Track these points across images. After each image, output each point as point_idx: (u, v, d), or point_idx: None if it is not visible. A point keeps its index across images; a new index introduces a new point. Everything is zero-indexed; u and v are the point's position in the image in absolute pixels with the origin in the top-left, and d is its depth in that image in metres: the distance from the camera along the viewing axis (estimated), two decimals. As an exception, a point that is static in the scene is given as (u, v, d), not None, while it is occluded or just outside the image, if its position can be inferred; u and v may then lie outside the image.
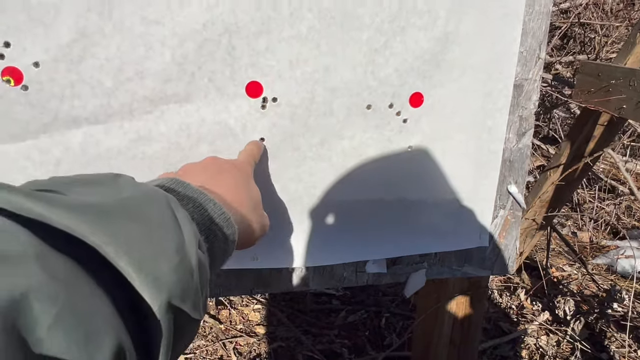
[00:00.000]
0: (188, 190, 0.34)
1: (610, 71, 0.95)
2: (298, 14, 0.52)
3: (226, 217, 0.35)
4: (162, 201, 0.28)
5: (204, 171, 0.43)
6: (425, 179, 0.63)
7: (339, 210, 0.62)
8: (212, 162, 0.45)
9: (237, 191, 0.42)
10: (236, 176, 0.44)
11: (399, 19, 0.55)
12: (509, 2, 0.58)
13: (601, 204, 2.12)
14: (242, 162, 0.48)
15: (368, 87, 0.56)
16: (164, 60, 0.50)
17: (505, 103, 0.62)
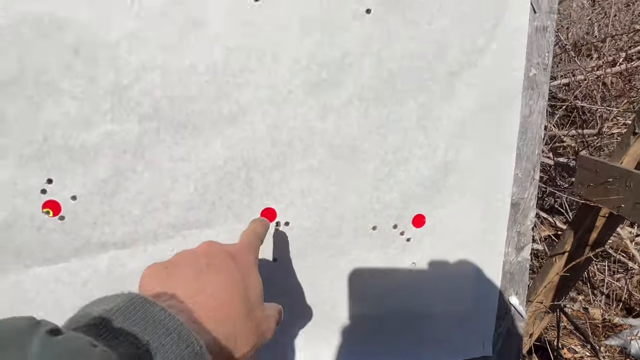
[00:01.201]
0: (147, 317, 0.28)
1: (607, 169, 0.99)
2: (310, 150, 0.57)
3: (195, 349, 0.29)
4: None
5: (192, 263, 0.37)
6: (429, 292, 0.66)
7: (346, 323, 0.64)
8: (206, 251, 0.39)
9: (226, 292, 0.35)
10: (229, 271, 0.37)
11: (402, 150, 0.60)
12: (503, 131, 0.64)
13: (612, 277, 2.10)
14: (242, 249, 0.42)
15: (373, 210, 0.61)
16: (188, 192, 0.56)
17: (503, 221, 0.66)
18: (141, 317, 0.28)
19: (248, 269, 0.40)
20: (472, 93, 0.61)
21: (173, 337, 0.28)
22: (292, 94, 0.55)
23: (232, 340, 0.34)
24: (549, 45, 0.63)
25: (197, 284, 0.35)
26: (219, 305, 0.35)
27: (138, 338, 0.27)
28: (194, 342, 0.29)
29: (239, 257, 0.40)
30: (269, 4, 0.53)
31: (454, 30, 0.58)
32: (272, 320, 0.41)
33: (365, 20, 0.55)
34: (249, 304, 0.37)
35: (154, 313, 0.29)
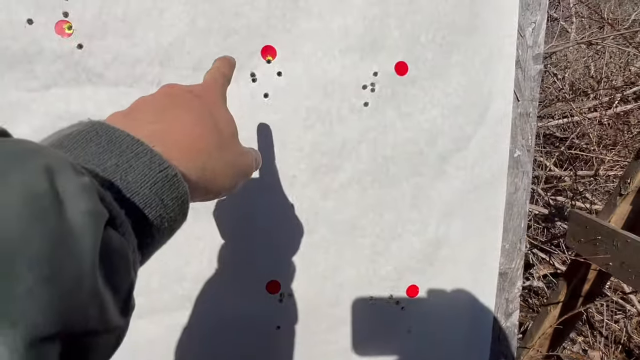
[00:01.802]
0: (113, 141, 0.25)
1: (596, 227, 1.04)
2: (313, 228, 0.63)
3: (169, 174, 0.26)
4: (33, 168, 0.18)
5: (153, 106, 0.32)
6: (424, 357, 0.70)
7: (344, 385, 0.69)
8: (166, 93, 0.34)
9: (196, 127, 0.32)
10: (194, 108, 0.33)
11: (396, 227, 0.65)
12: (490, 207, 0.69)
13: (611, 318, 2.12)
14: (206, 88, 0.37)
15: (370, 282, 0.66)
16: (202, 267, 0.61)
17: (492, 289, 0.71)
18: (105, 140, 0.24)
19: (215, 105, 0.36)
20: (460, 174, 0.66)
21: (144, 160, 0.25)
22: (296, 178, 0.61)
23: (210, 171, 0.31)
24: (532, 129, 0.69)
25: (163, 123, 0.30)
26: (190, 139, 0.31)
27: (104, 160, 0.24)
28: (168, 167, 0.26)
29: (203, 94, 0.35)
30: (276, 100, 0.59)
31: (445, 120, 0.64)
32: (249, 156, 0.38)
33: (363, 112, 0.62)
34: (221, 137, 0.33)
35: (120, 137, 0.25)
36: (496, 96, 0.66)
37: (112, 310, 0.20)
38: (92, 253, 0.18)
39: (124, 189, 0.24)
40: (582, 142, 2.58)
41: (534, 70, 0.68)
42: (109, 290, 0.20)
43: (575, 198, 2.30)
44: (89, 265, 0.18)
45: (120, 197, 0.23)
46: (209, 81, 0.39)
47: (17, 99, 0.54)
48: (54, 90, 0.54)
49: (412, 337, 0.69)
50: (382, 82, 0.62)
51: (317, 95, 0.60)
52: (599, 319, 2.13)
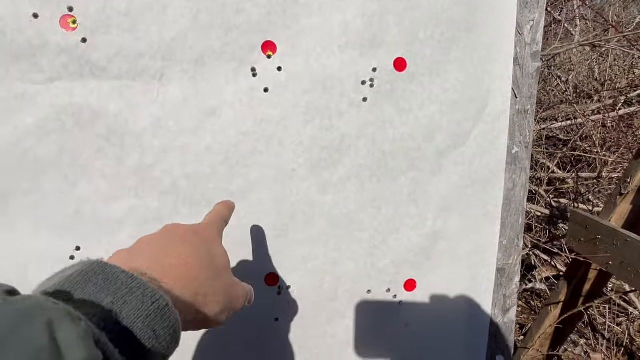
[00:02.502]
0: (109, 279, 0.28)
1: (596, 226, 1.04)
2: (311, 221, 0.64)
3: (160, 305, 0.29)
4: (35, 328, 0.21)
5: (154, 243, 0.37)
6: (421, 352, 0.71)
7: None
8: (167, 230, 0.39)
9: (189, 264, 0.35)
10: (193, 244, 0.38)
11: (394, 221, 0.66)
12: (488, 203, 0.70)
13: (614, 321, 2.11)
14: (204, 226, 0.42)
15: (368, 275, 0.66)
16: (200, 258, 0.62)
17: (489, 285, 0.71)
18: (102, 279, 0.28)
19: (212, 242, 0.40)
20: (458, 169, 0.67)
21: (137, 295, 0.28)
22: (296, 172, 0.62)
23: (201, 297, 0.34)
24: (529, 125, 0.70)
25: (161, 254, 0.35)
26: (185, 268, 0.34)
27: (100, 299, 0.27)
28: (160, 299, 0.29)
29: (201, 232, 0.40)
30: (276, 95, 0.60)
31: (443, 116, 0.65)
32: (240, 288, 0.41)
33: (362, 108, 0.62)
34: (215, 268, 0.37)
35: (115, 275, 0.28)
36: (494, 93, 0.67)
37: None
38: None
39: (119, 325, 0.27)
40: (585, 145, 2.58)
41: (532, 67, 0.69)
42: None
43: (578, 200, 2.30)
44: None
45: (116, 334, 0.26)
46: (208, 221, 0.45)
47: (23, 91, 0.55)
48: (58, 83, 0.56)
49: (409, 332, 0.69)
50: (381, 77, 0.62)
51: (317, 91, 0.61)
52: (601, 321, 2.13)
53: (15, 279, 0.57)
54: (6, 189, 0.56)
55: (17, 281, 0.57)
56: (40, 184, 0.57)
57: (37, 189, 0.57)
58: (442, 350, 0.71)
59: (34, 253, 0.57)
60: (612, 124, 2.56)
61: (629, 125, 2.60)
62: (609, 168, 2.25)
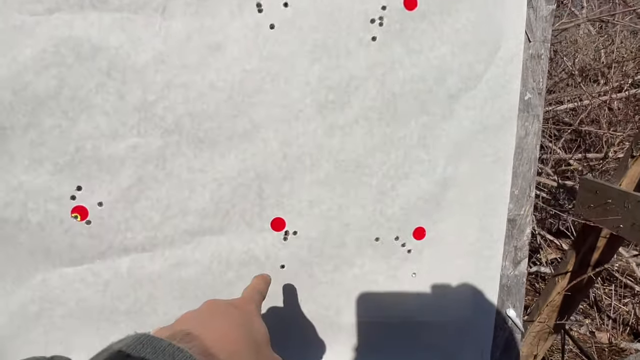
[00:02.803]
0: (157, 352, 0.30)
1: (607, 190, 1.02)
2: (317, 164, 0.62)
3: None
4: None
5: (197, 317, 0.40)
6: (429, 302, 0.69)
7: (348, 329, 0.68)
8: (209, 305, 0.42)
9: (231, 337, 0.37)
10: (233, 317, 0.40)
11: (404, 166, 0.64)
12: (500, 150, 0.68)
13: (619, 301, 2.10)
14: (243, 301, 0.45)
15: (376, 222, 0.65)
16: (204, 200, 0.60)
17: (500, 236, 0.70)
18: (151, 352, 0.30)
19: (251, 316, 0.42)
20: (470, 114, 0.65)
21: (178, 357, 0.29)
22: (302, 113, 0.60)
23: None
24: (543, 71, 0.68)
25: (202, 327, 0.37)
26: (227, 340, 0.36)
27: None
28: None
29: (241, 306, 0.43)
30: (283, 32, 0.58)
31: (454, 58, 0.63)
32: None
33: (370, 47, 0.60)
34: (255, 343, 0.39)
35: (162, 347, 0.30)
36: (507, 35, 0.65)
37: None
38: None
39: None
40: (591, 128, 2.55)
41: (546, 10, 0.67)
42: None
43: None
44: None
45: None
46: (247, 296, 0.47)
47: (21, 22, 0.53)
48: (58, 14, 0.54)
49: (417, 281, 0.68)
50: (391, 16, 0.60)
51: (324, 28, 0.59)
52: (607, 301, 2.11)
53: (17, 214, 0.56)
54: (5, 124, 0.54)
55: (18, 216, 0.56)
56: (40, 120, 0.55)
57: (37, 124, 0.55)
58: (450, 301, 0.69)
59: (33, 190, 0.56)
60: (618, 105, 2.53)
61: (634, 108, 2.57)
62: (615, 148, 2.23)
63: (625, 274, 2.03)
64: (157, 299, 0.62)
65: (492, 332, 0.72)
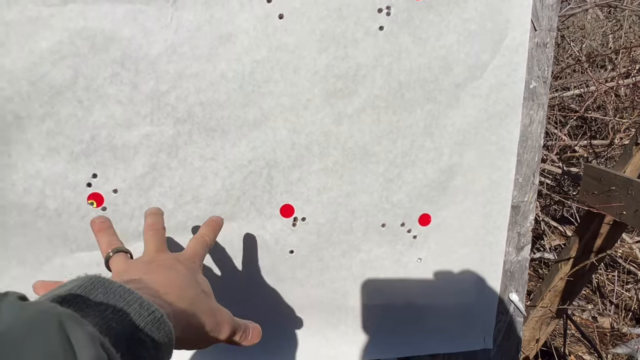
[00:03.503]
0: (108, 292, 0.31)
1: (611, 178, 1.03)
2: (325, 152, 0.63)
3: (156, 316, 0.31)
4: (50, 327, 0.23)
5: (144, 264, 0.42)
6: (433, 287, 0.71)
7: (355, 312, 0.70)
8: (151, 257, 0.44)
9: (178, 283, 0.39)
10: (177, 269, 0.42)
11: (410, 154, 0.65)
12: (504, 138, 0.69)
13: (622, 287, 2.11)
14: (187, 256, 0.47)
15: (383, 209, 0.66)
16: (216, 188, 0.62)
17: (504, 222, 0.71)
18: (102, 292, 0.30)
19: (194, 270, 0.44)
20: (475, 103, 0.66)
21: (134, 307, 0.30)
22: (311, 102, 0.61)
23: (192, 315, 0.38)
24: (548, 60, 0.69)
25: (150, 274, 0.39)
26: (174, 286, 0.38)
27: (101, 310, 0.29)
28: (155, 311, 0.31)
29: (183, 261, 0.45)
30: (291, 22, 0.59)
31: (460, 47, 0.63)
32: (226, 314, 0.43)
33: (378, 36, 0.61)
34: (201, 291, 0.41)
35: (114, 289, 0.31)
36: (513, 24, 0.65)
37: None
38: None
39: (120, 333, 0.29)
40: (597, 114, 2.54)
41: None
42: None
43: (589, 168, 2.27)
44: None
45: (117, 342, 0.28)
46: (190, 251, 0.49)
47: (37, 14, 0.54)
48: (72, 5, 0.55)
49: (422, 267, 0.70)
50: (398, 5, 0.61)
51: (332, 18, 0.60)
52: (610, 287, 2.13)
53: (35, 201, 0.58)
54: (22, 114, 0.56)
55: (36, 203, 0.58)
56: (56, 110, 0.57)
57: (53, 114, 0.57)
58: (454, 286, 0.71)
59: (50, 178, 0.58)
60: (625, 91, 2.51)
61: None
62: (621, 134, 2.22)
63: (629, 260, 2.05)
64: (171, 282, 0.64)
65: (494, 316, 0.74)
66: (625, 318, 1.99)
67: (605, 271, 2.20)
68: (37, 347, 0.22)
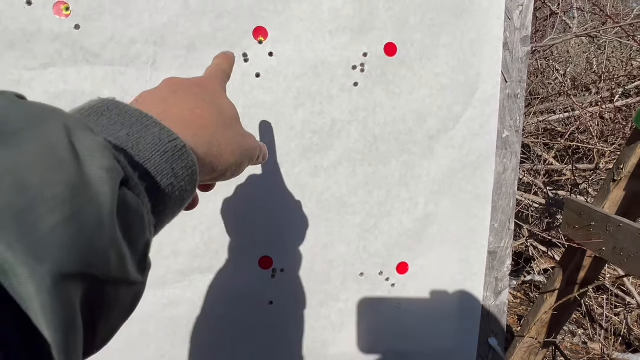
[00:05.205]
0: (123, 114, 0.26)
1: (590, 213, 1.05)
2: (304, 206, 0.64)
3: (177, 144, 0.27)
4: (53, 125, 0.19)
5: (156, 94, 0.34)
6: (414, 333, 0.72)
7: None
8: (169, 83, 0.36)
9: (198, 109, 0.33)
10: (197, 93, 0.35)
11: (386, 205, 0.67)
12: (479, 186, 0.70)
13: (612, 311, 2.12)
14: (206, 79, 0.39)
15: (361, 258, 0.67)
16: (195, 241, 0.63)
17: (481, 268, 0.72)
18: (116, 114, 0.25)
19: (215, 92, 0.37)
20: (449, 153, 0.68)
21: (154, 131, 0.26)
22: (287, 157, 0.63)
23: (216, 147, 0.32)
24: (519, 110, 0.71)
25: (166, 105, 0.32)
26: (193, 116, 0.32)
27: (115, 130, 0.25)
28: (177, 139, 0.26)
29: (204, 84, 0.37)
30: (268, 80, 0.61)
31: (433, 100, 0.66)
32: (252, 138, 0.38)
33: (353, 92, 0.63)
34: (224, 118, 0.35)
35: (129, 112, 0.26)
36: (484, 77, 0.68)
37: (130, 262, 0.21)
38: (111, 203, 0.19)
39: (136, 157, 0.24)
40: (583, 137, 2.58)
41: (521, 52, 0.69)
42: (126, 243, 0.21)
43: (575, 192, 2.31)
44: (107, 212, 0.19)
45: (133, 164, 0.24)
46: (209, 74, 0.41)
47: (18, 77, 0.56)
48: (52, 69, 0.56)
49: (402, 314, 0.70)
50: (372, 62, 0.63)
51: (308, 76, 0.62)
52: (600, 312, 2.14)
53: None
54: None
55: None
56: (36, 169, 0.57)
57: (33, 173, 0.57)
58: (434, 332, 0.72)
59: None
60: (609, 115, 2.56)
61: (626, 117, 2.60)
62: (606, 159, 2.26)
63: (617, 285, 2.06)
64: (150, 335, 0.64)
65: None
66: (615, 343, 2.00)
67: (595, 294, 2.21)
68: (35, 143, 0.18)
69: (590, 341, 2.03)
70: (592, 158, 2.44)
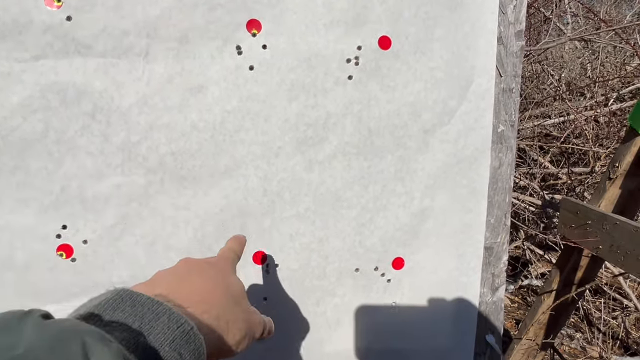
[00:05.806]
0: (136, 305, 0.30)
1: (587, 211, 1.05)
2: (297, 198, 0.64)
3: (186, 329, 0.30)
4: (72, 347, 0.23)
5: (171, 275, 0.39)
6: (409, 330, 0.71)
7: (330, 359, 0.69)
8: (183, 263, 0.41)
9: (208, 290, 0.37)
10: (208, 274, 0.39)
11: (381, 199, 0.66)
12: (475, 181, 0.70)
13: (609, 314, 2.11)
14: (218, 259, 0.45)
15: (356, 253, 0.67)
16: (187, 237, 0.62)
17: (477, 263, 0.72)
18: (129, 305, 0.29)
19: (226, 271, 0.42)
20: (445, 147, 0.67)
21: (163, 320, 0.29)
22: (282, 149, 0.62)
23: (224, 322, 0.36)
24: (515, 104, 0.71)
25: (180, 283, 0.37)
26: (204, 294, 0.36)
27: (129, 324, 0.28)
28: (184, 323, 0.30)
29: (215, 264, 0.42)
30: (262, 72, 0.61)
31: (428, 94, 0.65)
32: (258, 316, 0.42)
33: (347, 85, 0.63)
34: (233, 296, 0.39)
35: (141, 301, 0.30)
36: (479, 71, 0.67)
37: None
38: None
39: (147, 349, 0.28)
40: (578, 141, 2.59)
41: (515, 46, 0.69)
42: None
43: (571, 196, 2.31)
44: None
45: (144, 357, 0.27)
46: (221, 255, 0.47)
47: (9, 69, 0.55)
48: (44, 61, 0.56)
49: (398, 310, 0.69)
50: (366, 56, 0.63)
51: (302, 68, 0.62)
52: (597, 315, 2.13)
53: (3, 252, 0.57)
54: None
55: (4, 255, 0.57)
56: (27, 162, 0.57)
57: (23, 167, 0.57)
58: (430, 328, 0.71)
59: (20, 230, 0.57)
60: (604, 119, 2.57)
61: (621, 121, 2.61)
62: (602, 162, 2.26)
63: (614, 288, 2.05)
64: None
65: (472, 358, 0.74)
66: (613, 347, 1.98)
67: (592, 297, 2.20)
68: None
69: (589, 345, 2.02)
70: (588, 161, 2.45)
